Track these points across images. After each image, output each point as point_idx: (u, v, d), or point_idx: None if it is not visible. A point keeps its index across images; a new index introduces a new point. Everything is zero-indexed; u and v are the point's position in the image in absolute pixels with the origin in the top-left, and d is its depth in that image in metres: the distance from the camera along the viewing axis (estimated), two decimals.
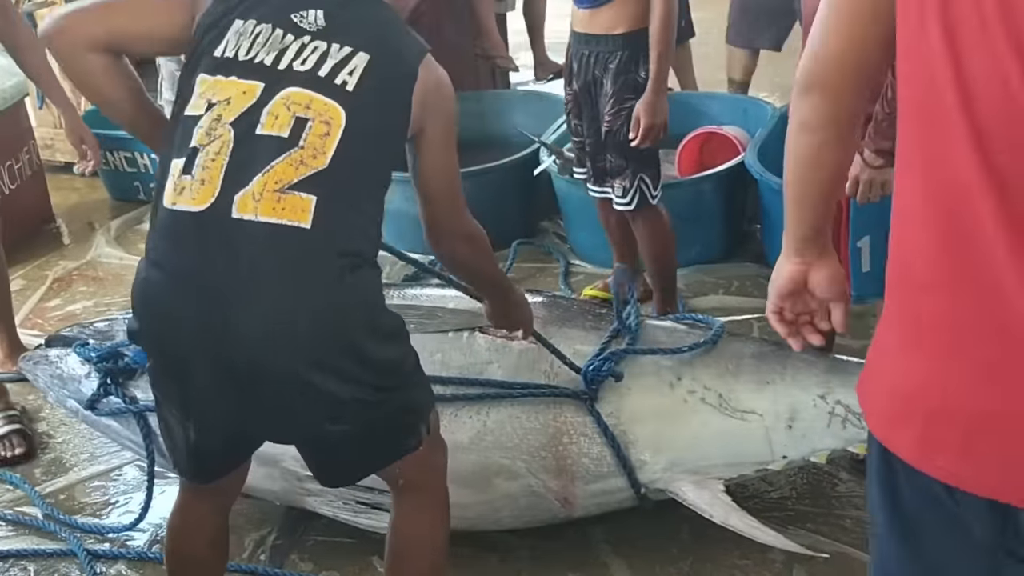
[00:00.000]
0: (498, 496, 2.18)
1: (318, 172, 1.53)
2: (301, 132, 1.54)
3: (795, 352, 2.27)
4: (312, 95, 1.56)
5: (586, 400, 2.16)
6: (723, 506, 2.08)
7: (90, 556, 2.29)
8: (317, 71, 1.58)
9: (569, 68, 2.91)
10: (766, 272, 3.32)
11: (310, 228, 1.51)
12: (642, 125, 2.72)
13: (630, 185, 2.83)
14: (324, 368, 1.53)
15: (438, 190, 1.79)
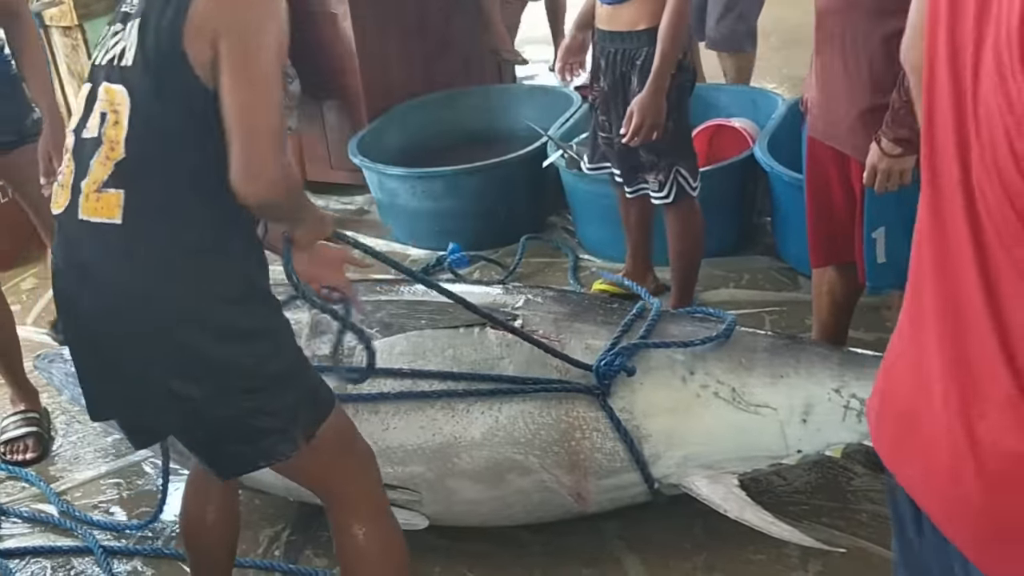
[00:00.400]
0: (511, 492, 2.17)
1: (119, 163, 1.50)
2: (102, 127, 1.53)
3: (809, 345, 2.31)
4: (108, 86, 1.54)
5: (598, 395, 2.15)
6: (738, 501, 2.07)
7: (106, 552, 2.29)
8: (111, 59, 1.55)
9: (596, 65, 2.87)
10: (777, 265, 3.37)
11: (121, 223, 1.50)
12: (633, 122, 2.68)
13: (666, 179, 2.81)
14: (162, 365, 1.54)
15: (254, 126, 1.44)
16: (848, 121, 2.12)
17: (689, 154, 2.87)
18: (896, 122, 1.98)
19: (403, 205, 3.80)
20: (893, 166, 2.02)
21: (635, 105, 2.68)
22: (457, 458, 2.16)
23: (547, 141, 3.66)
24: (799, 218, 3.17)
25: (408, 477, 2.17)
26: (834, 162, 2.24)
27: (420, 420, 2.18)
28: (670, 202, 2.87)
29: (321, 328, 2.32)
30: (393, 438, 2.17)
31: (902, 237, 2.14)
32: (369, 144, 3.94)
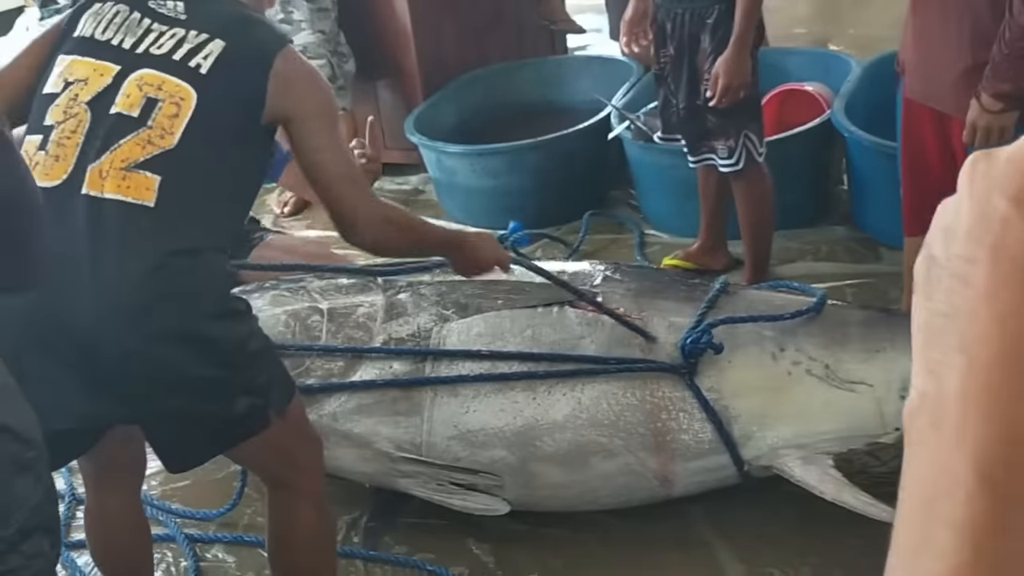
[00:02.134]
0: (595, 476, 2.11)
1: (165, 152, 1.56)
2: (151, 112, 1.57)
3: (905, 318, 2.19)
4: (164, 77, 1.60)
5: (684, 374, 2.08)
6: (834, 482, 1.99)
7: (189, 540, 2.28)
8: (172, 55, 1.62)
9: (662, 31, 2.78)
10: (856, 235, 3.25)
11: (154, 207, 1.54)
12: (720, 84, 2.60)
13: (736, 144, 2.72)
14: (159, 342, 1.55)
15: (330, 176, 1.70)
16: (951, 80, 2.03)
17: (758, 116, 2.78)
18: (997, 76, 1.89)
19: (461, 183, 3.73)
20: (993, 122, 1.93)
21: (720, 66, 2.59)
22: (539, 441, 2.10)
23: (609, 113, 3.57)
24: (880, 186, 3.07)
25: (489, 461, 2.12)
26: (933, 124, 2.14)
27: (501, 403, 2.12)
28: (740, 169, 2.77)
29: (397, 311, 2.27)
30: (473, 421, 2.12)
31: None
32: (425, 122, 3.87)
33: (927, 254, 0.42)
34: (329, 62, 3.68)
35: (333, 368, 2.21)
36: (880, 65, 3.51)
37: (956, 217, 0.40)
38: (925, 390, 0.39)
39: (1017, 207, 0.37)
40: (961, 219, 0.39)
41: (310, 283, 2.37)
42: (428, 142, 3.71)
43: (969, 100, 1.96)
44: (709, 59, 2.65)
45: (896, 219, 2.94)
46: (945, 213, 0.41)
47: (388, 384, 2.17)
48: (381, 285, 2.33)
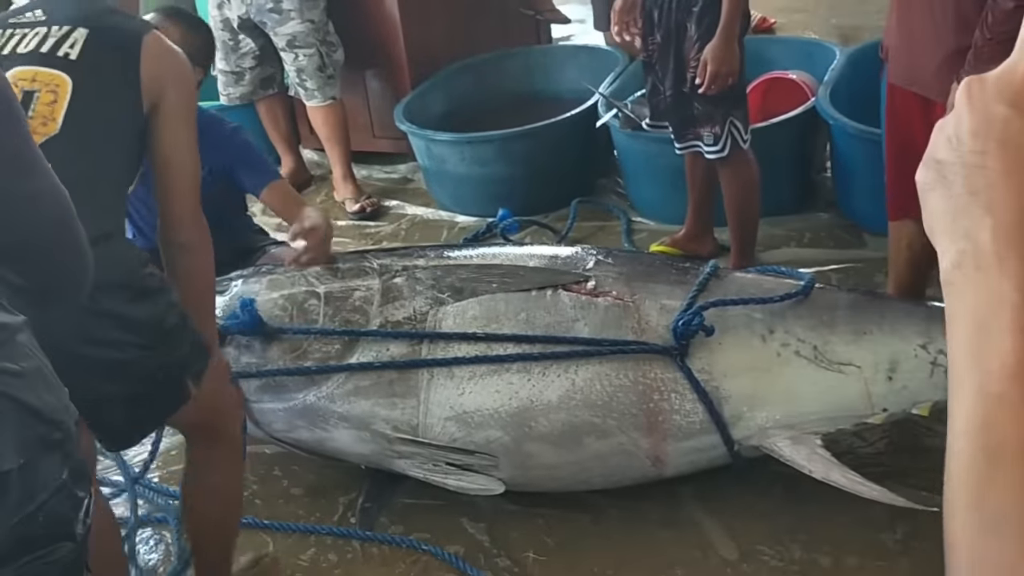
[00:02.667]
0: (588, 456, 2.15)
1: (49, 139, 1.57)
2: (30, 103, 1.59)
3: (892, 301, 2.25)
4: (36, 69, 1.63)
5: (676, 356, 2.12)
6: (823, 461, 2.03)
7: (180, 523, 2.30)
8: (39, 49, 1.66)
9: (649, 19, 2.81)
10: (840, 222, 3.30)
11: None
12: (709, 71, 2.64)
13: (721, 131, 2.75)
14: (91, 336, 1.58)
15: (178, 178, 1.74)
16: (934, 65, 2.06)
17: (743, 103, 2.81)
18: (980, 60, 1.92)
19: (451, 171, 3.76)
20: None
21: (709, 53, 2.62)
22: (534, 422, 2.13)
23: (597, 101, 3.60)
24: (864, 172, 3.13)
25: (484, 442, 2.15)
26: (918, 109, 2.18)
27: (496, 384, 2.16)
28: (725, 156, 2.81)
29: (393, 294, 2.30)
30: (469, 402, 2.16)
31: None
32: (414, 110, 3.89)
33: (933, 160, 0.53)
34: (318, 51, 3.69)
35: (330, 351, 2.24)
36: (863, 53, 3.56)
37: (958, 126, 0.51)
38: (963, 248, 0.49)
39: (1014, 108, 0.49)
40: (964, 126, 0.50)
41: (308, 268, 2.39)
42: (417, 130, 3.73)
43: (951, 85, 1.99)
44: (695, 46, 2.68)
45: (880, 205, 2.99)
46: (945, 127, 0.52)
47: (385, 366, 2.20)
48: (377, 270, 2.36)
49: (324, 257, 2.40)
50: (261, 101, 4.11)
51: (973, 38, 1.94)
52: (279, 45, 3.84)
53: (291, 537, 2.31)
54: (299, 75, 3.80)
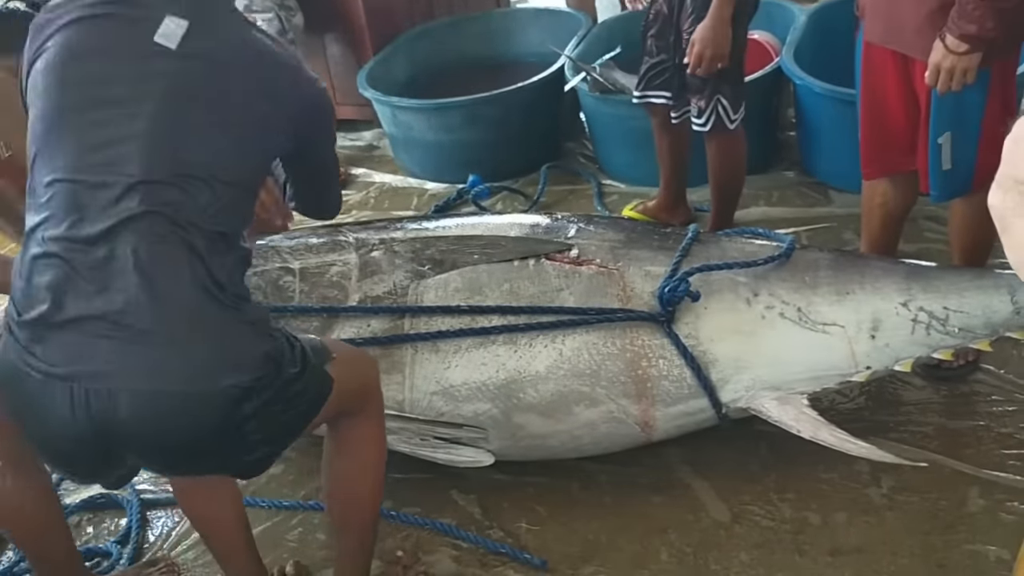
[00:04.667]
0: (578, 424, 2.15)
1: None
2: None
3: (872, 260, 2.28)
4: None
5: (663, 322, 2.12)
6: (810, 421, 2.06)
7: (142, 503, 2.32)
8: None
9: None
10: (806, 180, 3.33)
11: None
12: (694, 51, 2.59)
13: (706, 105, 2.72)
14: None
15: None
16: (915, 22, 2.06)
17: (735, 81, 2.74)
18: (963, 17, 1.93)
19: (418, 138, 3.70)
20: (957, 64, 1.97)
21: (697, 35, 2.58)
22: (522, 393, 2.13)
23: (564, 64, 3.56)
24: (829, 131, 3.15)
25: (472, 415, 2.14)
26: (894, 67, 2.18)
27: (482, 356, 2.14)
28: (707, 130, 2.78)
29: (371, 268, 2.26)
30: (456, 376, 2.14)
31: (968, 143, 2.12)
32: (377, 76, 3.82)
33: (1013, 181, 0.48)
34: (277, 15, 3.60)
35: (309, 328, 2.19)
36: (824, 12, 3.58)
37: None
38: None
39: None
40: None
41: (280, 243, 2.34)
42: (382, 97, 3.66)
43: (933, 42, 2.00)
44: (689, 19, 2.65)
45: (845, 163, 3.03)
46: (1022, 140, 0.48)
47: (367, 342, 2.17)
48: (353, 243, 2.32)
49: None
50: None
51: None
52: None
53: (279, 515, 2.29)
54: None
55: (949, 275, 2.16)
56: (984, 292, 2.09)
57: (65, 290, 1.43)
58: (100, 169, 1.45)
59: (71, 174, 1.46)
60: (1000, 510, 2.05)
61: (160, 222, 1.45)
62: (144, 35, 1.48)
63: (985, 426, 2.26)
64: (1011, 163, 0.47)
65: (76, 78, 1.49)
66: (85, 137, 1.46)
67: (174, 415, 1.45)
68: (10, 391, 1.51)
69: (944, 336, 2.09)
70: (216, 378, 1.46)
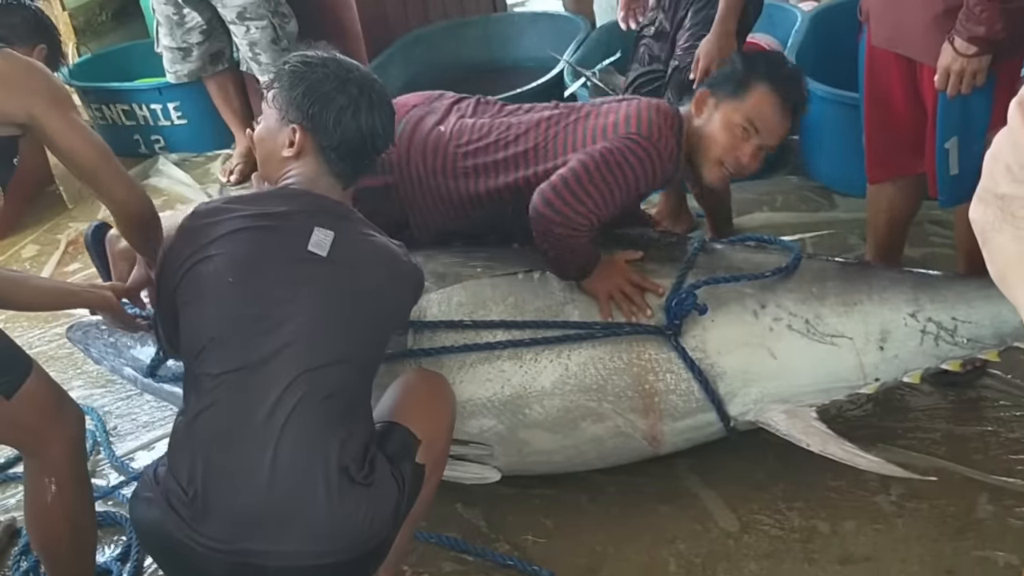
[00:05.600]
0: (585, 440, 2.14)
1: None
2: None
3: (879, 270, 2.26)
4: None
5: (670, 335, 2.10)
6: (819, 434, 2.04)
7: None
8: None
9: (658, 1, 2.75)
10: (809, 184, 3.31)
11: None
12: (700, 66, 2.58)
13: None
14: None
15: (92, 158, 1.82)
16: (921, 26, 2.04)
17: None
18: (971, 20, 1.92)
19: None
20: (967, 66, 1.96)
21: (701, 49, 2.57)
22: (528, 409, 2.11)
23: (563, 70, 3.54)
24: (833, 135, 3.14)
25: (479, 431, 2.13)
26: (900, 71, 2.16)
27: (487, 372, 2.13)
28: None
29: None
30: (461, 392, 2.11)
31: (974, 147, 2.11)
32: None
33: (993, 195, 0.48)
34: (271, 23, 3.57)
35: None
36: (825, 14, 3.56)
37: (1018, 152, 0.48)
38: None
39: None
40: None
41: None
42: None
43: (940, 45, 1.98)
44: (687, 34, 2.63)
45: (849, 167, 3.02)
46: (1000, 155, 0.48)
47: None
48: None
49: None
50: (211, 78, 3.99)
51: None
52: (228, 18, 3.71)
53: None
54: (252, 49, 3.67)
55: (957, 285, 2.15)
56: (992, 302, 2.07)
57: (225, 471, 1.60)
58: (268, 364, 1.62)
59: (239, 364, 1.63)
60: (1009, 516, 2.04)
61: (313, 406, 1.62)
62: (300, 245, 1.68)
63: (993, 431, 2.25)
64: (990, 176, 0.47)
65: (247, 286, 1.66)
66: (256, 336, 1.63)
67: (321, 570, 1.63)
68: (166, 558, 1.70)
69: (953, 347, 2.08)
70: (358, 546, 1.64)
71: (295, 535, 1.59)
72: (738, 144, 2.14)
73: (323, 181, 1.79)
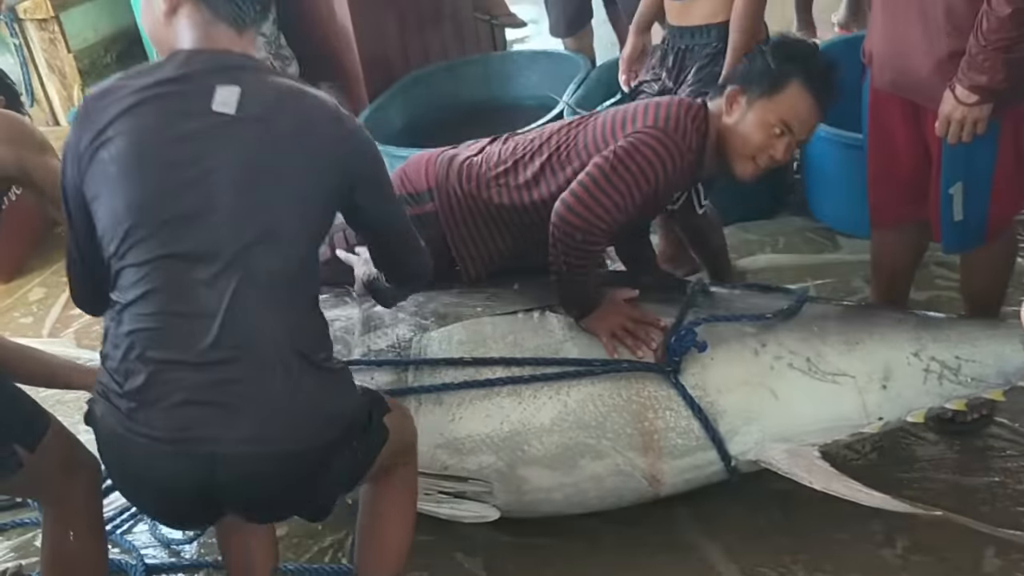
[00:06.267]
0: (584, 478, 2.10)
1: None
2: None
3: (881, 311, 2.25)
4: None
5: (669, 373, 2.08)
6: (823, 472, 2.01)
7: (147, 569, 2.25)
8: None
9: (663, 54, 2.76)
10: (812, 226, 3.30)
11: None
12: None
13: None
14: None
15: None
16: (925, 71, 2.04)
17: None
18: (973, 68, 1.92)
19: None
20: (968, 115, 1.96)
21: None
22: (527, 445, 2.08)
23: (563, 110, 3.55)
24: (836, 176, 3.14)
25: (477, 468, 2.10)
26: (903, 115, 2.16)
27: (486, 409, 2.10)
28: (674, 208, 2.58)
29: (374, 323, 2.23)
30: (460, 429, 2.10)
31: (979, 194, 2.10)
32: (373, 123, 3.79)
33: None
34: (272, 65, 3.59)
35: None
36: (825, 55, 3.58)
37: None
38: None
39: None
40: None
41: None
42: (380, 146, 3.61)
43: (943, 90, 1.98)
44: (688, 90, 2.63)
45: (852, 208, 3.00)
46: None
47: None
48: (356, 299, 2.29)
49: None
50: None
51: (967, 44, 1.92)
52: None
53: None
54: None
55: (960, 324, 2.13)
56: (996, 341, 2.06)
57: (164, 360, 1.52)
58: (193, 245, 1.52)
59: (164, 250, 1.52)
60: (1016, 570, 2.00)
61: (255, 287, 1.53)
62: (204, 108, 1.54)
63: (1000, 482, 2.21)
64: None
65: (155, 164, 1.54)
66: (175, 217, 1.52)
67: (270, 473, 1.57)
68: (111, 455, 1.63)
69: (956, 386, 2.06)
70: (313, 437, 1.58)
71: (247, 420, 1.52)
72: (772, 143, 2.12)
73: (215, 31, 1.60)
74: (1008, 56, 1.88)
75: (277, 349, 1.54)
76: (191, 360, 1.52)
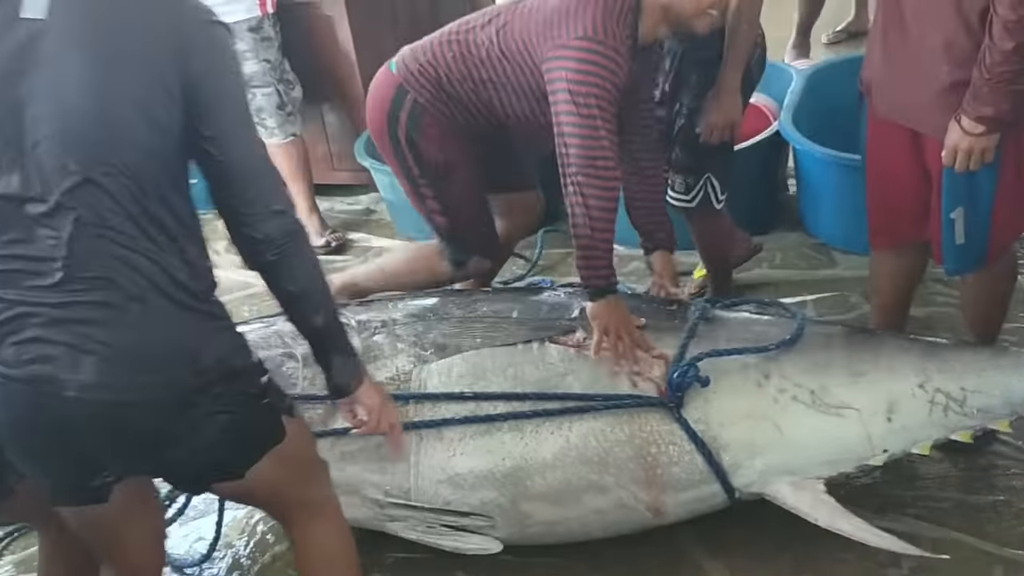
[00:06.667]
0: (587, 512, 2.10)
1: None
2: None
3: (886, 338, 2.24)
4: None
5: (672, 407, 2.07)
6: (828, 508, 2.00)
7: None
8: None
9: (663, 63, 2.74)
10: (808, 242, 3.29)
11: None
12: (706, 123, 2.57)
13: (695, 182, 2.67)
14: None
15: None
16: (926, 99, 2.03)
17: (728, 163, 2.70)
18: (978, 100, 1.91)
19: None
20: (975, 145, 1.95)
21: (710, 104, 2.55)
22: (530, 481, 2.07)
23: None
24: (831, 193, 3.13)
25: (480, 503, 2.09)
26: (903, 142, 2.15)
27: (488, 444, 2.09)
28: (693, 207, 2.71)
29: (373, 353, 2.21)
30: (461, 464, 2.09)
31: (981, 217, 2.09)
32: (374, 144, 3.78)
33: None
34: (276, 90, 3.59)
35: (313, 416, 2.13)
36: (820, 74, 3.58)
37: None
38: None
39: None
40: None
41: (282, 327, 2.29)
42: (380, 166, 3.63)
43: (945, 118, 1.97)
44: (691, 94, 2.62)
45: (848, 225, 3.01)
46: None
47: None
48: (356, 327, 2.27)
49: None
50: None
51: (971, 77, 1.91)
52: None
53: None
54: (258, 114, 3.68)
55: (966, 354, 2.13)
56: (1002, 372, 2.05)
57: (16, 300, 1.44)
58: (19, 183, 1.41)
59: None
60: None
61: (98, 220, 1.42)
62: (11, 15, 1.39)
63: (1005, 501, 2.21)
64: None
65: None
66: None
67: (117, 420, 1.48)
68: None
69: (962, 417, 2.05)
70: (164, 384, 1.48)
71: (91, 363, 1.43)
72: None
73: None
74: (1012, 88, 1.87)
75: (132, 284, 1.44)
76: (45, 300, 1.43)
